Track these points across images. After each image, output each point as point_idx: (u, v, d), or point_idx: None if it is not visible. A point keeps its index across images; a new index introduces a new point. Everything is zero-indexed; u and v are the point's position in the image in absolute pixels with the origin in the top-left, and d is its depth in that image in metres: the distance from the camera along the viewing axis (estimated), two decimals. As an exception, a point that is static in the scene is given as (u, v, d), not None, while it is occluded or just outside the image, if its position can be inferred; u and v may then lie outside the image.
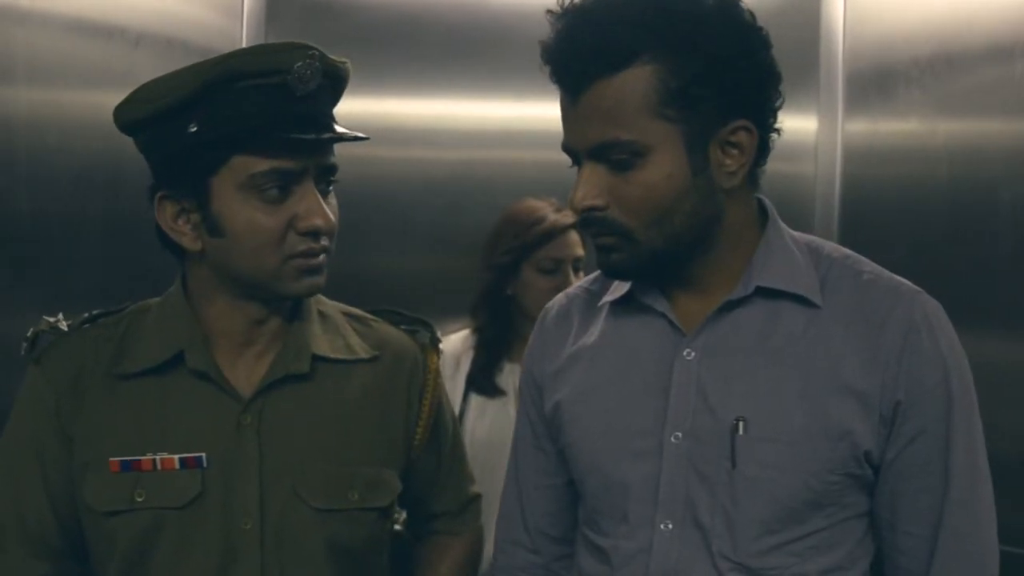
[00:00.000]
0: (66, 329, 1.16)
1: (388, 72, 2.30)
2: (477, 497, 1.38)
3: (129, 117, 1.07)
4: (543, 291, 1.96)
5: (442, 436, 1.29)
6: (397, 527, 1.35)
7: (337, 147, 1.11)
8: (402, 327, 1.27)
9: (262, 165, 1.04)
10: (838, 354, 1.00)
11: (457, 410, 1.94)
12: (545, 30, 0.98)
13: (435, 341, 1.29)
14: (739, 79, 0.98)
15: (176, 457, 1.09)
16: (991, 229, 1.55)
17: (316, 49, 1.05)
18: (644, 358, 1.08)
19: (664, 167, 0.97)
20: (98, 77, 1.69)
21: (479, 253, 2.05)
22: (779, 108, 1.03)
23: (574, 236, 1.99)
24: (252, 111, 1.03)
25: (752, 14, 1.01)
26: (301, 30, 2.30)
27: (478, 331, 2.04)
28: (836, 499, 1.01)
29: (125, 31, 1.79)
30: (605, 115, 0.97)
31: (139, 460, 1.09)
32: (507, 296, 2.01)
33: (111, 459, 1.09)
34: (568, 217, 1.98)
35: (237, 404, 1.12)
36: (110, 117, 1.09)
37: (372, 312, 1.28)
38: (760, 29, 1.01)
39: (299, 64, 1.04)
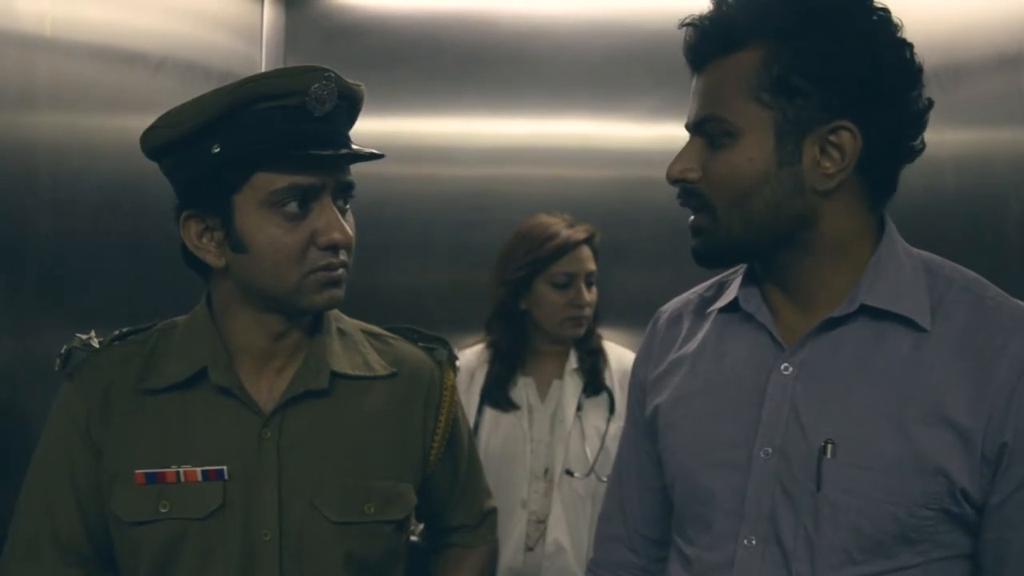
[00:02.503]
0: (97, 346, 1.19)
1: (405, 92, 2.33)
2: (493, 511, 1.39)
3: (155, 142, 1.10)
4: (556, 306, 1.98)
5: (458, 451, 1.31)
6: (414, 538, 1.37)
7: (356, 165, 1.13)
8: (419, 344, 1.29)
9: (282, 181, 1.07)
10: (942, 384, 0.94)
11: (471, 423, 1.95)
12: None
13: (452, 358, 1.30)
14: (848, 78, 0.94)
15: (199, 470, 1.12)
16: (999, 239, 1.55)
17: (332, 72, 1.08)
18: (742, 369, 1.05)
19: (749, 150, 0.96)
20: (120, 102, 1.72)
21: (494, 268, 2.07)
22: (913, 133, 0.98)
23: (586, 251, 2.00)
24: (272, 131, 1.06)
25: (898, 22, 0.97)
26: (319, 54, 2.33)
27: (492, 345, 2.06)
28: (929, 536, 0.95)
29: (146, 57, 1.82)
30: (710, 92, 0.99)
31: (164, 472, 1.12)
32: (521, 311, 2.03)
33: (137, 471, 1.12)
34: (580, 233, 2.00)
35: (258, 419, 1.14)
36: (132, 141, 1.12)
37: (390, 329, 1.30)
38: (898, 40, 0.96)
39: (316, 86, 1.06)
